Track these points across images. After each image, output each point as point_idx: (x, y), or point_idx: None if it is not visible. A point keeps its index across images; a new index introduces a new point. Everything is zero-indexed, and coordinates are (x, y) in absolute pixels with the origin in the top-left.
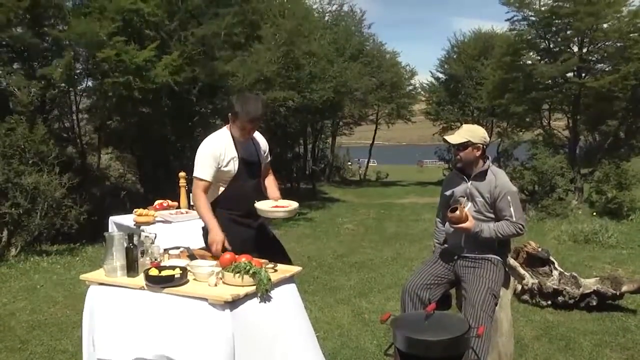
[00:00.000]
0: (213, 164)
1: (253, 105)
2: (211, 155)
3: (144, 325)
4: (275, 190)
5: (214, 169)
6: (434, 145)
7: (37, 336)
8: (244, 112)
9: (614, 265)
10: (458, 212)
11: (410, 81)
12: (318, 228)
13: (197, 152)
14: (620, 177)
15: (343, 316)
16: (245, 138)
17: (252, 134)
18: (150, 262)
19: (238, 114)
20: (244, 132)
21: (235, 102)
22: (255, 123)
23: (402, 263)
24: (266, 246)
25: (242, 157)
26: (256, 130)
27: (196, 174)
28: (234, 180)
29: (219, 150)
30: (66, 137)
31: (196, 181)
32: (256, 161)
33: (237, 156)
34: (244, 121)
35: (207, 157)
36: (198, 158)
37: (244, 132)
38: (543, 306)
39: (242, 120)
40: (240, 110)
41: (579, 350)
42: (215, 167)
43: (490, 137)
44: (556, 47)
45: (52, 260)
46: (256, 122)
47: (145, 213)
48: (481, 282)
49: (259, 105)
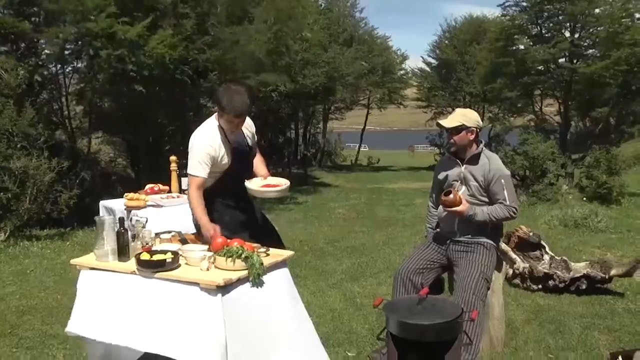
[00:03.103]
0: (209, 162)
1: (239, 100)
2: (207, 153)
3: (135, 310)
4: (263, 167)
5: (209, 165)
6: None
7: (27, 321)
8: (230, 108)
9: (603, 249)
10: (452, 196)
11: (402, 65)
12: (309, 212)
13: (192, 148)
14: (610, 162)
15: (335, 300)
16: (233, 132)
17: (240, 128)
18: (142, 246)
19: (225, 109)
20: (231, 126)
21: (222, 96)
22: (242, 118)
23: (393, 248)
24: (261, 230)
25: (234, 147)
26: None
27: (191, 171)
28: (228, 170)
29: (214, 147)
30: (55, 120)
31: (191, 178)
32: (247, 149)
33: (230, 149)
34: (231, 117)
35: (203, 155)
36: (193, 155)
37: (232, 125)
38: (534, 290)
39: (228, 116)
40: (227, 106)
41: (568, 334)
42: (210, 164)
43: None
44: (548, 32)
45: (42, 245)
46: (243, 117)
47: (136, 197)
48: (474, 266)
49: (245, 98)
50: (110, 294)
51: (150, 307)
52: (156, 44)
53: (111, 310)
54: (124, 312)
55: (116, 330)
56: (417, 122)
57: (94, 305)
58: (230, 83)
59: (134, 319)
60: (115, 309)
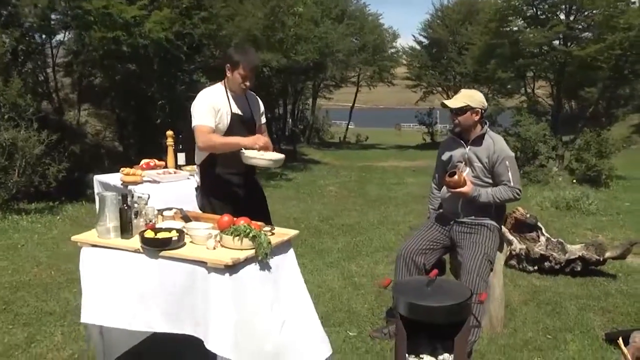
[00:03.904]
0: (213, 113)
1: (252, 53)
2: (209, 104)
3: (140, 289)
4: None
5: (214, 117)
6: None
7: (21, 297)
8: (245, 60)
9: (595, 231)
10: (456, 177)
11: (393, 44)
12: (301, 190)
13: (194, 105)
14: (601, 145)
15: (333, 279)
16: (243, 89)
17: (251, 85)
18: (145, 223)
19: (239, 63)
20: (244, 81)
21: (234, 52)
22: (254, 72)
23: (388, 226)
24: (255, 207)
25: (234, 112)
26: (254, 81)
27: (197, 122)
28: (226, 135)
29: (215, 101)
30: (41, 92)
31: (200, 128)
32: (250, 118)
33: (230, 110)
34: (246, 69)
35: (206, 106)
36: (196, 109)
37: (245, 80)
38: (530, 271)
39: (243, 69)
40: (242, 59)
41: (565, 314)
42: (214, 116)
43: None
44: (543, 14)
45: (32, 219)
46: (255, 71)
47: (133, 172)
48: (477, 247)
49: (256, 54)
50: (114, 273)
51: (156, 286)
52: (153, 25)
53: (118, 291)
54: (130, 292)
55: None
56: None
57: (101, 289)
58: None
59: (141, 299)
60: (122, 290)
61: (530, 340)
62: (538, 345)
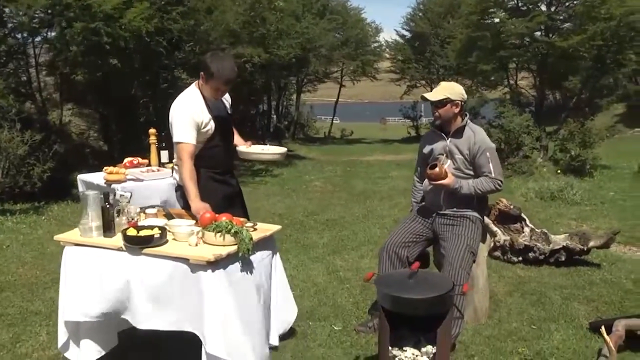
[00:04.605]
0: (194, 127)
1: (229, 67)
2: (191, 118)
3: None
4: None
5: (195, 132)
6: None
7: (7, 298)
8: (220, 75)
9: (579, 221)
10: (437, 169)
11: (376, 38)
12: (286, 185)
13: (175, 117)
14: (585, 135)
15: (318, 274)
16: (217, 98)
17: (223, 95)
18: (127, 221)
19: (213, 75)
20: (216, 93)
21: (210, 62)
22: (229, 85)
23: (373, 220)
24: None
25: (215, 115)
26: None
27: (179, 138)
28: (211, 139)
29: (197, 113)
30: (24, 92)
31: (181, 146)
32: (227, 117)
33: (212, 116)
34: (220, 83)
35: (188, 120)
36: (178, 122)
37: (217, 93)
38: (514, 262)
39: (217, 82)
40: (217, 72)
41: (549, 304)
42: (196, 130)
43: None
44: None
45: (16, 220)
46: (231, 84)
47: (116, 171)
48: (460, 239)
49: (234, 66)
50: (97, 271)
51: (139, 283)
52: (133, 17)
53: (101, 289)
54: (113, 290)
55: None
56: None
57: (83, 287)
58: (217, 50)
59: (124, 295)
60: (105, 288)
61: (515, 331)
62: (522, 336)
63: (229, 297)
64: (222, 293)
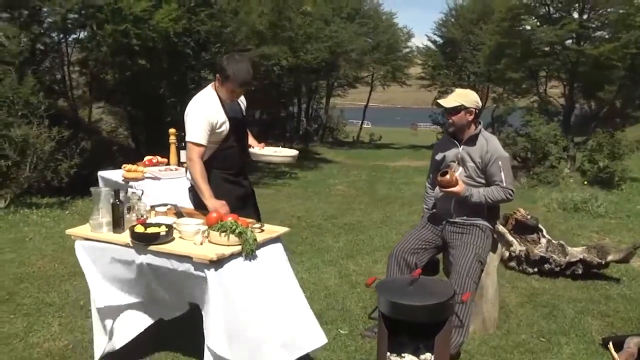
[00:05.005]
0: (208, 128)
1: (244, 69)
2: (206, 119)
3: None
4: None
5: (208, 133)
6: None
7: (24, 288)
8: (236, 77)
9: (602, 234)
10: (448, 176)
11: (407, 43)
12: (309, 188)
13: (189, 116)
14: (614, 146)
15: (330, 278)
16: (232, 100)
17: (239, 97)
18: (137, 218)
19: (229, 78)
20: (232, 95)
21: (226, 64)
22: (245, 87)
23: (391, 226)
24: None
25: (231, 117)
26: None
27: (191, 138)
28: (225, 140)
29: (212, 114)
30: (57, 89)
31: (191, 146)
32: (242, 118)
33: (227, 117)
34: (235, 86)
35: (202, 121)
36: (192, 122)
37: (233, 95)
38: (529, 273)
39: (232, 84)
40: (232, 75)
41: (561, 317)
42: (209, 131)
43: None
44: (556, 12)
45: (41, 213)
46: (246, 87)
47: (134, 169)
48: (468, 248)
49: (250, 68)
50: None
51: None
52: (161, 18)
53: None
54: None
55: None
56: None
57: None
58: (234, 52)
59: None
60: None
61: (523, 343)
62: (530, 348)
63: (230, 296)
64: (223, 292)
